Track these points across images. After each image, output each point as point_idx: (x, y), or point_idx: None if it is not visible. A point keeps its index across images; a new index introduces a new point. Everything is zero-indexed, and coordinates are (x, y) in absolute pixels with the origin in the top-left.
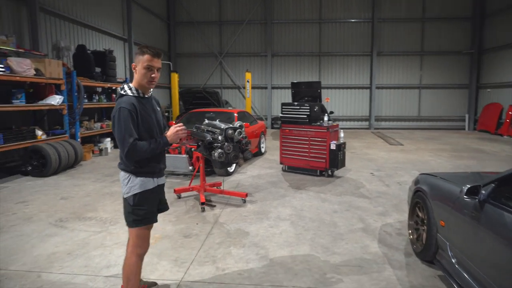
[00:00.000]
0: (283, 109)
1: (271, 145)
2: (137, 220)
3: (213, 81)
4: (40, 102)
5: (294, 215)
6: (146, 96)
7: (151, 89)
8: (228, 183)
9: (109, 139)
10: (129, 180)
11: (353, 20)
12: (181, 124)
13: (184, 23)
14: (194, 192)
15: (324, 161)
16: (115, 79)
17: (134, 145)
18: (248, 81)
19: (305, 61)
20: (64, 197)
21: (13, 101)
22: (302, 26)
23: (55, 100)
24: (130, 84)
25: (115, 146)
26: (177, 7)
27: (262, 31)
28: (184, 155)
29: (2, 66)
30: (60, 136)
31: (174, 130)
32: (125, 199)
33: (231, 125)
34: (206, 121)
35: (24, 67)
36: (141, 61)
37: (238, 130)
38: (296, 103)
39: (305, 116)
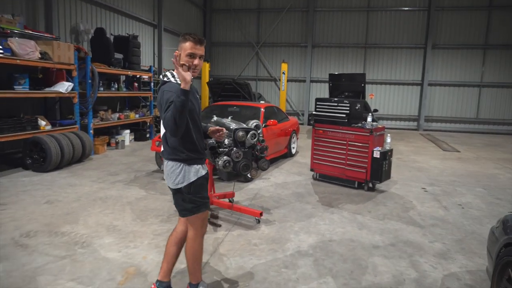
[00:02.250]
0: (317, 106)
1: (304, 145)
2: (195, 207)
3: (249, 72)
4: (47, 89)
5: (320, 247)
6: None
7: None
8: (245, 192)
9: (128, 131)
10: (181, 169)
11: (406, 8)
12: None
13: (221, 11)
14: None
15: (364, 171)
16: (139, 66)
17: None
18: (284, 73)
19: (349, 53)
20: (50, 200)
21: (15, 87)
22: (347, 14)
23: (64, 87)
24: (173, 71)
25: (135, 139)
26: None
27: (303, 20)
28: None
29: (1, 47)
30: (68, 127)
31: (180, 71)
32: (178, 190)
33: (244, 125)
34: (214, 118)
35: (27, 50)
36: (184, 48)
37: (252, 132)
38: (333, 99)
39: (344, 115)
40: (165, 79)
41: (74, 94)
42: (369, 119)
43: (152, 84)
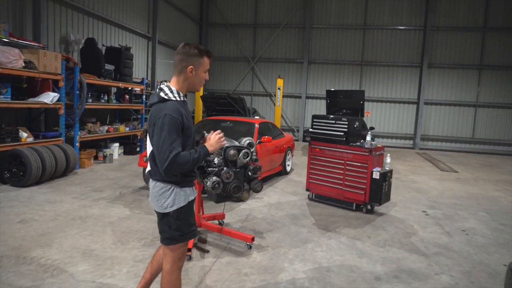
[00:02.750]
0: (314, 123)
1: (299, 162)
2: (181, 236)
3: (244, 87)
4: (30, 100)
5: (317, 279)
6: (185, 99)
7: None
8: (236, 213)
9: (117, 144)
10: (172, 192)
11: (402, 27)
12: (219, 131)
13: (217, 25)
14: None
15: (363, 192)
16: (131, 78)
17: (175, 158)
18: (279, 88)
19: (345, 70)
20: (24, 219)
21: None
22: (344, 32)
23: (49, 97)
24: (171, 87)
25: (125, 153)
26: (210, 7)
27: (299, 36)
28: None
29: None
30: (52, 140)
31: (215, 138)
32: (166, 214)
33: (236, 143)
34: (205, 134)
35: (10, 58)
36: (202, 64)
37: (244, 151)
38: (331, 116)
39: (342, 133)
40: (164, 96)
41: (60, 105)
42: (368, 137)
43: (144, 96)
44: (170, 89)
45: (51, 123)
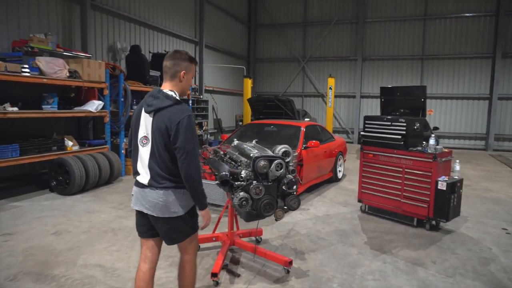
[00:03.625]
0: (366, 125)
1: (353, 167)
2: (194, 225)
3: (294, 89)
4: (76, 109)
5: None
6: None
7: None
8: (277, 227)
9: None
10: (183, 195)
11: (469, 14)
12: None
13: (265, 26)
14: (220, 244)
15: (426, 206)
16: None
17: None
18: (330, 88)
19: (404, 65)
20: (59, 231)
21: (43, 106)
22: (401, 24)
23: (94, 106)
24: (173, 90)
25: None
26: (258, 8)
27: (352, 32)
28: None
29: (26, 66)
30: (97, 147)
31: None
32: (177, 218)
33: (269, 152)
34: (235, 142)
35: (55, 68)
36: (192, 70)
37: (277, 162)
38: (386, 117)
39: (400, 136)
40: (177, 97)
41: (105, 113)
42: (432, 141)
43: (190, 101)
44: (174, 92)
45: (99, 131)
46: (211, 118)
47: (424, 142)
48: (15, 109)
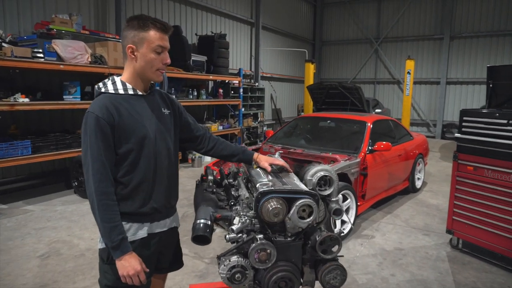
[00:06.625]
0: (464, 123)
1: (436, 171)
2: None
3: (366, 74)
4: None
5: None
6: (143, 93)
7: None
8: None
9: None
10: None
11: None
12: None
13: (333, 4)
14: None
15: None
16: (227, 70)
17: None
18: (409, 72)
19: (505, 42)
20: (48, 252)
21: (65, 97)
22: None
23: None
24: (116, 77)
25: None
26: None
27: (437, 6)
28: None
29: (40, 51)
30: None
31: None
32: (100, 251)
33: (294, 179)
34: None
35: (74, 53)
36: (148, 40)
37: (303, 202)
38: (497, 111)
39: None
40: (102, 87)
41: None
42: None
43: (241, 90)
44: (113, 80)
45: None
46: (268, 108)
47: None
48: (26, 100)
